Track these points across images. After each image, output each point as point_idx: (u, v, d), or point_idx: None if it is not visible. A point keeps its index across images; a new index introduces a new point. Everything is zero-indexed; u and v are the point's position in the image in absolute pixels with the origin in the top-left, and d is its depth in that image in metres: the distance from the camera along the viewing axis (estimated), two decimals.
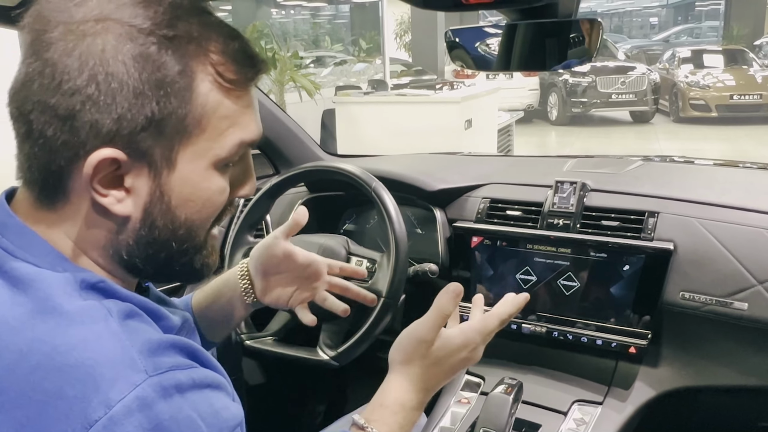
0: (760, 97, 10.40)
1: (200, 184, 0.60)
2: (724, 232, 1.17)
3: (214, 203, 0.63)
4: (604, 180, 1.38)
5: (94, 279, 0.57)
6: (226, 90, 0.59)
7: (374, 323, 1.22)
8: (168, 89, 0.56)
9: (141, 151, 0.56)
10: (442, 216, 1.46)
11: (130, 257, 0.61)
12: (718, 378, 1.23)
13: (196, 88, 0.57)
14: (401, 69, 11.59)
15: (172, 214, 0.60)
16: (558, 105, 11.13)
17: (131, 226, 0.59)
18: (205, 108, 0.58)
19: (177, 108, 0.57)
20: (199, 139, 0.59)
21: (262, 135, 0.65)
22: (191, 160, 0.59)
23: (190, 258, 0.64)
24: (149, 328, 0.56)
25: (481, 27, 0.96)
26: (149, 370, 0.51)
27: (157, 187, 0.58)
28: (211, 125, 0.59)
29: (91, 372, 0.50)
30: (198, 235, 0.63)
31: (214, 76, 0.58)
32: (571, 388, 1.30)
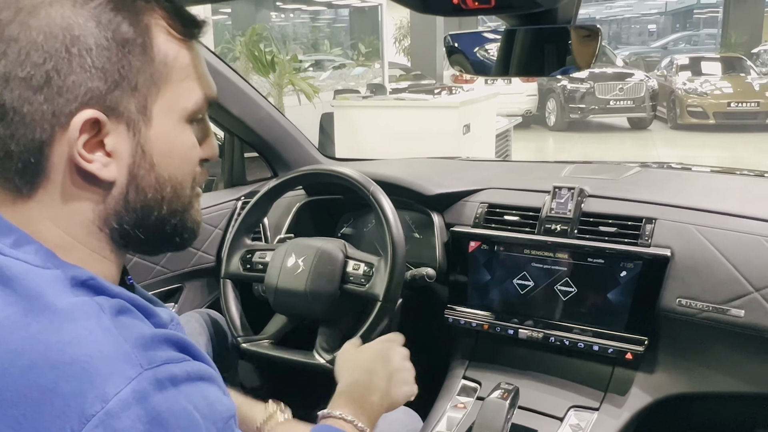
0: (757, 104, 10.42)
1: (176, 139, 0.63)
2: (721, 238, 1.17)
3: (190, 159, 0.66)
4: (601, 186, 1.38)
5: (84, 276, 0.57)
6: (179, 41, 0.63)
7: (371, 327, 1.22)
8: (131, 45, 0.59)
9: (118, 110, 0.59)
10: (440, 220, 1.46)
11: (120, 225, 0.62)
12: (714, 385, 1.24)
13: (153, 40, 0.61)
14: (400, 73, 11.59)
15: (155, 172, 0.62)
16: (556, 111, 11.14)
17: (117, 191, 0.61)
18: (166, 58, 0.61)
19: (143, 62, 0.60)
20: (167, 90, 0.62)
21: (260, 137, 0.66)
22: (164, 113, 0.62)
23: (180, 217, 0.66)
24: (141, 323, 0.57)
25: (480, 32, 0.96)
26: (144, 363, 0.52)
27: (138, 145, 0.60)
28: (174, 75, 0.62)
29: (85, 368, 0.50)
30: (183, 194, 0.66)
31: (167, 29, 0.62)
32: (568, 394, 1.30)
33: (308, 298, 1.27)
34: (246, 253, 1.40)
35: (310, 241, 1.34)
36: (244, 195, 1.76)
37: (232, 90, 1.58)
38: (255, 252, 1.40)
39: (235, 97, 1.60)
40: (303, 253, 1.30)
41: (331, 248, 1.30)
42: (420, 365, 1.43)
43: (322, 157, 1.91)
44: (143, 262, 1.48)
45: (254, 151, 1.82)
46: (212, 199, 1.73)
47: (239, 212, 1.70)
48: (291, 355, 1.30)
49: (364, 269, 1.27)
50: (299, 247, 1.32)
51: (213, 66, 1.49)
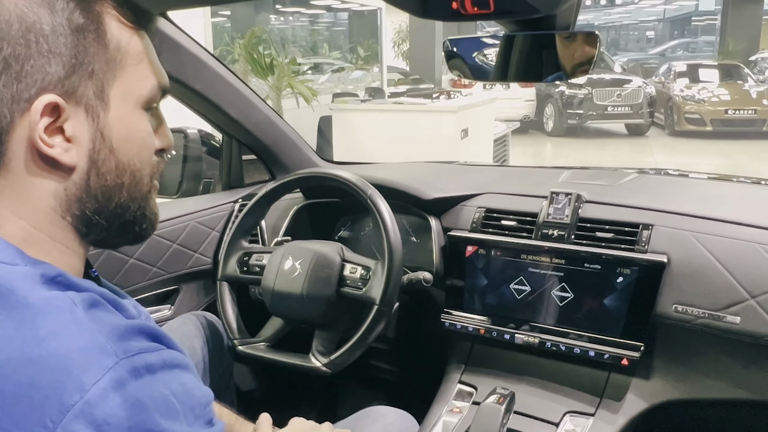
0: (754, 112, 10.46)
1: (133, 125, 0.65)
2: (717, 245, 1.18)
3: (148, 145, 0.67)
4: (599, 192, 1.39)
5: (53, 273, 0.57)
6: (130, 29, 0.65)
7: (367, 331, 1.22)
8: (85, 31, 0.60)
9: (76, 95, 0.60)
10: (437, 225, 1.46)
11: (82, 212, 0.63)
12: (710, 391, 1.24)
13: (106, 26, 0.62)
14: (399, 77, 11.60)
15: (115, 157, 0.63)
16: (554, 116, 11.16)
17: (78, 176, 0.61)
18: (119, 44, 0.63)
19: (98, 48, 0.61)
20: (122, 76, 0.63)
21: (258, 140, 0.67)
22: (121, 98, 0.63)
23: (139, 205, 0.67)
24: (113, 315, 0.57)
25: (479, 37, 0.96)
26: (119, 353, 0.52)
27: (97, 129, 0.62)
28: (129, 61, 0.64)
29: (62, 360, 0.51)
30: (142, 182, 0.67)
31: (118, 17, 0.64)
32: (563, 399, 1.30)
33: (305, 301, 1.27)
34: (243, 255, 1.40)
35: (307, 244, 1.34)
36: (241, 197, 1.76)
37: (231, 92, 1.58)
38: (252, 254, 1.40)
39: (234, 100, 1.60)
40: (300, 256, 1.30)
41: (329, 251, 1.30)
42: (416, 369, 1.43)
43: (320, 160, 1.92)
44: (140, 263, 1.47)
45: (252, 154, 1.82)
46: (209, 201, 1.73)
47: (236, 214, 1.70)
48: (287, 358, 1.30)
49: (361, 273, 1.27)
50: (296, 250, 1.32)
51: (211, 68, 1.50)
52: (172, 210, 1.60)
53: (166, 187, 1.89)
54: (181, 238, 1.57)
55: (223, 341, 1.39)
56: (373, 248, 1.56)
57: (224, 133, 1.78)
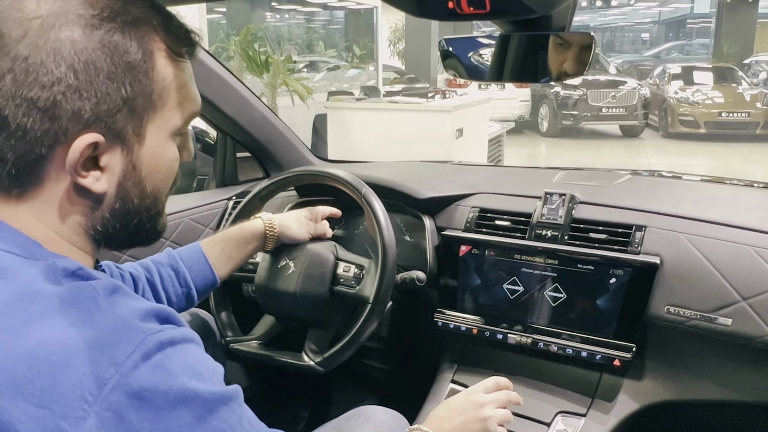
0: (748, 115, 10.50)
1: (162, 154, 0.66)
2: (710, 247, 1.18)
3: (172, 170, 0.69)
4: (592, 193, 1.39)
5: (74, 266, 0.60)
6: (176, 63, 0.65)
7: (360, 329, 1.21)
8: (136, 70, 0.61)
9: (116, 132, 0.61)
10: (431, 224, 1.46)
11: (104, 228, 0.65)
12: (701, 392, 1.24)
13: (155, 64, 0.63)
14: (394, 76, 11.59)
15: (142, 185, 0.65)
16: (549, 117, 11.19)
17: (106, 201, 0.64)
18: (165, 82, 0.64)
19: (144, 86, 0.62)
20: (162, 112, 0.65)
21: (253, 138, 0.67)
22: (156, 132, 0.65)
23: (154, 222, 0.70)
24: (132, 299, 0.60)
25: (475, 37, 0.96)
26: (145, 330, 0.56)
27: (130, 162, 0.63)
28: (170, 97, 0.65)
29: (94, 341, 0.53)
30: (161, 201, 0.70)
31: (167, 52, 0.64)
32: (555, 399, 1.30)
33: (298, 299, 1.26)
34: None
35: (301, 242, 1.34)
36: (235, 195, 1.76)
37: (226, 89, 1.58)
38: None
39: (229, 97, 1.59)
40: (294, 254, 1.30)
41: (322, 250, 1.29)
42: (409, 368, 1.43)
43: (315, 158, 1.91)
44: (133, 260, 1.47)
45: (246, 151, 1.82)
46: (203, 198, 1.73)
47: (230, 212, 1.70)
48: (280, 356, 1.30)
49: (354, 271, 1.27)
50: (290, 247, 1.31)
51: (207, 65, 1.49)
52: (166, 207, 1.59)
53: None
54: (175, 235, 1.57)
55: (215, 339, 1.38)
56: (367, 247, 1.55)
57: (219, 131, 1.77)
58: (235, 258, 1.20)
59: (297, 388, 1.85)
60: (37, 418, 0.50)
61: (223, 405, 0.58)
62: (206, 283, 1.15)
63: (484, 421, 0.98)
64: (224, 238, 1.20)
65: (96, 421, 0.51)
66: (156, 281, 1.09)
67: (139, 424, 0.52)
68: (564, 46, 0.83)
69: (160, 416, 0.53)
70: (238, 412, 0.61)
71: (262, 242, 1.25)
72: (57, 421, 0.50)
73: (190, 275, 1.12)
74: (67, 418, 0.50)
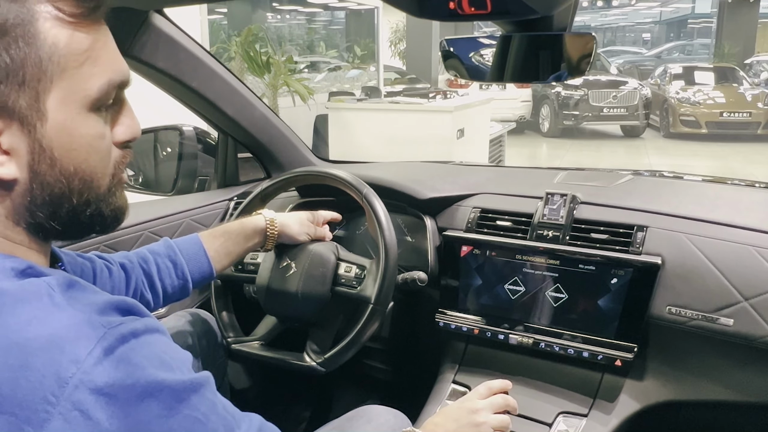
0: (749, 115, 10.50)
1: (77, 131, 0.59)
2: (711, 247, 1.18)
3: (98, 149, 0.61)
4: (594, 193, 1.39)
5: (22, 266, 0.57)
6: (72, 25, 0.58)
7: (362, 330, 1.21)
8: (12, 34, 0.54)
9: (7, 108, 0.55)
10: (433, 224, 1.46)
11: (34, 219, 0.60)
12: (703, 393, 1.24)
13: (39, 27, 0.56)
14: (395, 77, 11.59)
15: (59, 167, 0.59)
16: (550, 117, 11.18)
17: (21, 188, 0.58)
18: (56, 46, 0.57)
19: (28, 52, 0.55)
20: (62, 81, 0.57)
21: (254, 138, 0.65)
22: (61, 105, 0.58)
23: (96, 207, 0.63)
24: (90, 293, 0.58)
25: (476, 37, 0.96)
26: (105, 324, 0.54)
27: (35, 141, 0.57)
28: (69, 63, 0.57)
29: (52, 339, 0.51)
30: (98, 185, 0.62)
31: (55, 12, 0.57)
32: (557, 400, 1.30)
33: (299, 299, 1.26)
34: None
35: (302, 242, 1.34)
36: (236, 195, 1.76)
37: (227, 90, 1.58)
38: None
39: (230, 98, 1.59)
40: (295, 254, 1.30)
41: (323, 250, 1.29)
42: (410, 369, 1.43)
43: (316, 159, 1.91)
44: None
45: (248, 152, 1.82)
46: (205, 199, 1.73)
47: (232, 212, 1.70)
48: (281, 356, 1.30)
49: (355, 272, 1.27)
50: (291, 248, 1.31)
51: (208, 66, 1.49)
52: (167, 207, 1.59)
53: (162, 184, 1.88)
54: (176, 236, 1.57)
55: (217, 339, 1.38)
56: (368, 247, 1.55)
57: (220, 131, 1.77)
58: (234, 253, 1.20)
59: (298, 389, 1.85)
60: (1, 425, 0.49)
61: (193, 393, 0.56)
62: (203, 275, 1.14)
63: (477, 427, 0.97)
64: (225, 231, 1.19)
65: (61, 422, 0.49)
66: (153, 272, 1.07)
67: (108, 421, 0.50)
68: (565, 46, 0.83)
69: (128, 411, 0.51)
70: (211, 399, 0.58)
71: (263, 239, 1.24)
72: (21, 426, 0.49)
73: (187, 267, 1.11)
74: (31, 422, 0.49)
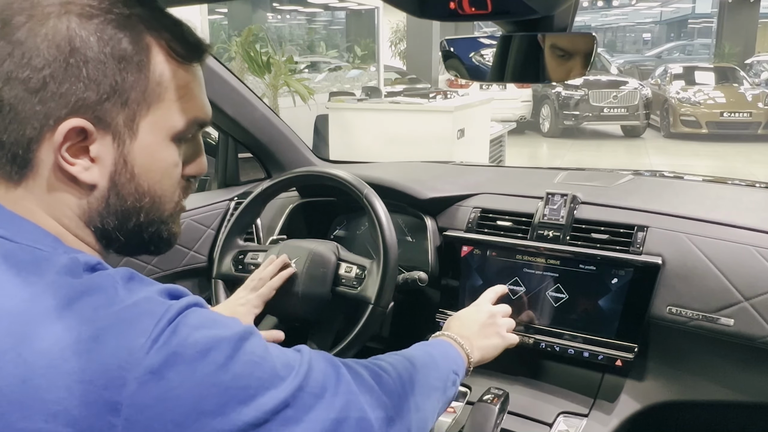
0: (749, 115, 10.50)
1: (158, 155, 0.67)
2: (712, 247, 1.18)
3: (171, 175, 0.69)
4: (594, 193, 1.39)
5: (94, 261, 0.61)
6: (177, 63, 0.66)
7: (362, 330, 1.21)
8: (128, 61, 0.62)
9: (106, 121, 0.62)
10: (433, 224, 1.46)
11: (104, 225, 0.66)
12: (703, 393, 1.24)
13: (152, 59, 0.64)
14: (395, 77, 11.59)
15: (135, 182, 0.66)
16: (550, 117, 11.19)
17: (99, 193, 0.65)
18: (162, 78, 0.65)
19: (137, 78, 0.63)
20: (158, 109, 0.65)
21: (254, 138, 0.67)
22: (151, 130, 0.65)
23: (157, 228, 0.70)
24: (147, 284, 0.62)
25: (476, 37, 0.96)
26: (165, 303, 0.58)
27: (121, 155, 0.64)
28: (167, 95, 0.65)
29: (121, 317, 0.56)
30: (164, 208, 0.70)
31: (167, 50, 0.65)
32: (557, 400, 1.30)
33: (300, 299, 1.26)
34: (238, 253, 1.40)
35: (302, 242, 1.34)
36: (237, 195, 1.76)
37: (227, 90, 1.58)
38: (247, 253, 1.39)
39: (230, 98, 1.59)
40: (295, 254, 1.30)
41: (324, 250, 1.29)
42: None
43: (316, 159, 1.91)
44: (134, 260, 1.47)
45: (248, 152, 1.82)
46: (205, 198, 1.73)
47: (232, 212, 1.70)
48: None
49: (356, 272, 1.27)
50: (292, 248, 1.31)
51: (208, 66, 1.49)
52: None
53: None
54: None
55: None
56: (369, 248, 1.55)
57: (220, 131, 1.77)
58: None
59: None
60: (80, 392, 0.52)
61: (245, 340, 0.61)
62: None
63: (498, 327, 1.13)
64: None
65: (136, 385, 0.53)
66: None
67: (178, 378, 0.55)
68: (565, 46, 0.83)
69: (195, 367, 0.56)
70: (262, 343, 0.64)
71: None
72: (99, 392, 0.53)
73: None
74: (108, 387, 0.53)
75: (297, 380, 0.63)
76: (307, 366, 0.65)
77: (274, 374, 0.61)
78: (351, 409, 0.66)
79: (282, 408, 0.60)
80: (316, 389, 0.64)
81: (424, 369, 0.86)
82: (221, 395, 0.56)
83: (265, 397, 0.59)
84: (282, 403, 0.60)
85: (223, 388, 0.56)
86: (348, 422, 0.65)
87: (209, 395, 0.56)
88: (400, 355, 0.87)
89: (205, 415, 0.55)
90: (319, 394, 0.64)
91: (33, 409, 0.52)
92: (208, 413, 0.55)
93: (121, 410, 0.53)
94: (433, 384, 0.86)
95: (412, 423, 0.76)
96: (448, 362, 0.95)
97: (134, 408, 0.53)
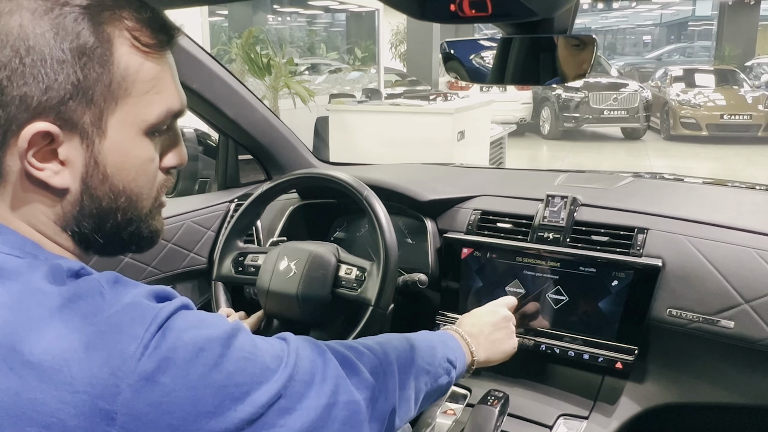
0: (749, 117, 10.51)
1: (131, 152, 0.63)
2: (712, 250, 1.18)
3: (147, 171, 0.66)
4: (594, 195, 1.39)
5: (77, 267, 0.60)
6: (144, 53, 0.62)
7: (362, 332, 1.21)
8: (89, 56, 0.59)
9: (72, 122, 0.59)
10: (433, 226, 1.46)
11: (80, 228, 0.64)
12: (704, 395, 1.24)
13: (115, 52, 0.60)
14: (396, 79, 11.61)
15: (109, 183, 0.63)
16: (550, 119, 11.19)
17: (72, 197, 0.62)
18: (127, 71, 0.61)
19: (101, 74, 0.59)
20: (126, 104, 0.62)
21: (255, 140, 0.67)
22: (121, 126, 0.62)
23: (137, 226, 0.68)
24: (132, 287, 0.61)
25: (477, 40, 0.96)
26: (153, 307, 0.58)
27: (91, 156, 0.61)
28: (135, 89, 0.62)
29: (111, 324, 0.55)
30: (141, 206, 0.67)
31: (131, 41, 0.61)
32: (557, 402, 1.30)
33: (300, 301, 1.26)
34: (238, 255, 1.40)
35: (302, 244, 1.34)
36: (237, 197, 1.76)
37: (228, 92, 1.58)
38: (247, 255, 1.39)
39: (230, 99, 1.59)
40: (295, 256, 1.30)
41: (324, 252, 1.29)
42: None
43: (317, 160, 1.91)
44: (135, 262, 1.47)
45: (248, 154, 1.82)
46: (205, 200, 1.73)
47: (232, 214, 1.70)
48: None
49: (356, 274, 1.27)
50: (292, 250, 1.31)
51: (208, 67, 1.49)
52: (168, 209, 1.58)
53: None
54: (176, 238, 1.57)
55: None
56: (369, 249, 1.55)
57: (221, 133, 1.77)
58: None
59: None
60: (74, 403, 0.51)
61: (234, 337, 0.60)
62: None
63: (510, 332, 1.13)
64: None
65: (130, 393, 0.52)
66: None
67: (173, 382, 0.54)
68: (566, 48, 0.83)
69: (188, 369, 0.55)
70: (250, 338, 0.63)
71: None
72: (94, 402, 0.52)
73: None
74: (102, 397, 0.52)
75: (287, 371, 0.62)
76: (295, 355, 0.65)
77: (264, 368, 0.61)
78: (340, 392, 0.67)
79: (275, 400, 0.60)
80: (305, 377, 0.64)
81: (413, 351, 0.86)
82: (216, 395, 0.56)
83: (259, 392, 0.59)
84: (275, 396, 0.60)
85: (218, 387, 0.56)
86: (338, 406, 0.66)
87: (204, 396, 0.55)
88: (391, 335, 0.88)
89: (202, 417, 0.55)
90: (309, 381, 0.64)
91: (28, 422, 0.51)
92: (204, 414, 0.55)
93: (116, 419, 0.52)
94: (422, 367, 0.86)
95: (396, 401, 0.77)
96: (444, 349, 0.94)
97: (129, 416, 0.52)
